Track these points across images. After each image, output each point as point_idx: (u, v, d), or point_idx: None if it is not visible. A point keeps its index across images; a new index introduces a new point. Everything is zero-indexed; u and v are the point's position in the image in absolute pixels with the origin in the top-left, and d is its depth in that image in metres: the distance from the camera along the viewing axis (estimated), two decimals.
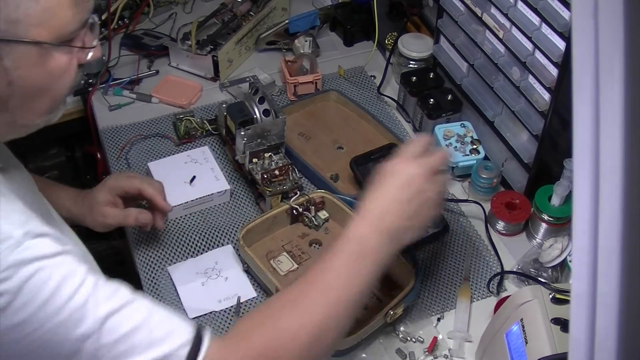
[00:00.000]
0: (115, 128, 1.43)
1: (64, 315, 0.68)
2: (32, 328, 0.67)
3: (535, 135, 1.18)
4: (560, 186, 1.13)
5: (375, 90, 1.52)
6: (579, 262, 0.46)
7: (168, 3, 1.72)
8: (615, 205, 0.43)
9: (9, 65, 0.71)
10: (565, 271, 1.11)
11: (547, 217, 1.16)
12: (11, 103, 0.74)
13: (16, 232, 0.68)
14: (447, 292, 1.15)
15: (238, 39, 1.54)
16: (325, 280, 0.85)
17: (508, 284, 1.16)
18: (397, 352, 1.05)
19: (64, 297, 0.69)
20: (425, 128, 1.39)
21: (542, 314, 0.88)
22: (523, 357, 0.87)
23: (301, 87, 1.48)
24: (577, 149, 0.45)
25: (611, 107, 0.42)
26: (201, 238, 1.22)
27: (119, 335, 0.71)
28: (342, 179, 1.32)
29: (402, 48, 1.46)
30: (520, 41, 1.15)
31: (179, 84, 1.52)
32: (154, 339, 0.72)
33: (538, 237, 1.20)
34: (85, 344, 0.69)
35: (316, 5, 1.71)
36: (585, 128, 0.43)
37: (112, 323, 0.71)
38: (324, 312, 0.83)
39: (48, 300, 0.68)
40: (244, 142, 1.23)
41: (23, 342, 0.68)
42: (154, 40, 1.60)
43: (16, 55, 0.71)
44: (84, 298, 0.70)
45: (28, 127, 0.80)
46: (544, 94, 1.13)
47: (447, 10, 1.33)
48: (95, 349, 0.69)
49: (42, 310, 0.68)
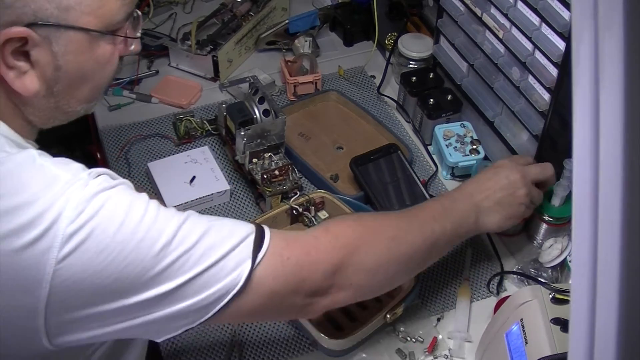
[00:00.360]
0: (115, 128, 1.43)
1: (141, 233, 0.71)
2: (117, 251, 0.69)
3: (535, 135, 1.18)
4: (560, 186, 1.12)
5: (375, 90, 1.52)
6: (579, 262, 0.46)
7: (168, 3, 1.72)
8: (615, 205, 0.43)
9: (58, 50, 0.75)
10: (565, 271, 1.11)
11: (547, 217, 1.16)
12: (57, 88, 0.78)
13: (82, 175, 0.72)
14: (447, 292, 1.15)
15: (238, 39, 1.55)
16: (413, 214, 0.96)
17: (508, 284, 1.16)
18: (397, 352, 1.05)
19: (137, 216, 0.72)
20: (425, 128, 1.39)
21: (542, 314, 0.88)
22: (523, 357, 0.87)
23: (301, 87, 1.48)
24: (576, 149, 0.45)
25: (611, 107, 0.42)
26: None
27: (193, 240, 0.73)
28: (342, 179, 1.32)
29: (402, 48, 1.46)
30: (520, 41, 1.15)
31: (179, 84, 1.52)
32: (222, 236, 0.76)
33: (538, 237, 1.20)
34: (166, 257, 0.71)
35: (316, 5, 1.71)
36: (585, 128, 0.43)
37: (184, 232, 0.73)
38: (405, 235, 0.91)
39: (123, 221, 0.70)
40: (244, 142, 1.23)
41: (111, 267, 0.69)
42: (153, 40, 1.59)
43: (65, 41, 0.75)
44: (154, 215, 0.73)
45: (68, 114, 0.84)
46: (543, 94, 1.13)
47: (447, 10, 1.33)
48: (176, 259, 0.72)
49: (120, 232, 0.70)
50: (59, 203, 0.68)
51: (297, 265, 0.80)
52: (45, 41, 0.74)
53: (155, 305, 0.73)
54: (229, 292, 0.75)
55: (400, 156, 1.30)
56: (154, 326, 0.75)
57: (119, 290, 0.71)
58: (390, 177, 1.27)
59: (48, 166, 0.72)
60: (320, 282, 0.82)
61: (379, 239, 0.88)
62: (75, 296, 0.70)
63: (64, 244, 0.67)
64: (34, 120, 0.82)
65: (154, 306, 0.73)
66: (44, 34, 0.73)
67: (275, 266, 0.78)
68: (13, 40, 0.72)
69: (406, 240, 0.91)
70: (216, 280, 0.74)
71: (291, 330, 1.10)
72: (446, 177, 1.33)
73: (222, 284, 0.74)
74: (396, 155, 1.30)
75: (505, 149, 1.27)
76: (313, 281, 0.82)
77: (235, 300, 0.75)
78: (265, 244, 0.78)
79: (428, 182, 1.31)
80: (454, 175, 1.33)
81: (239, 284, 0.75)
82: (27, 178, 0.70)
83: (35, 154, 0.74)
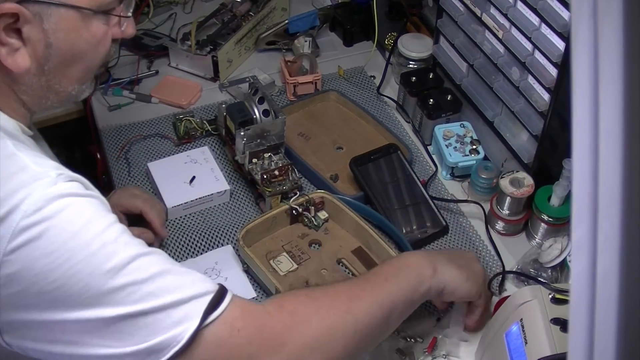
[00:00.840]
0: (115, 128, 1.43)
1: (95, 247, 0.70)
2: (65, 258, 0.68)
3: (535, 135, 1.18)
4: (560, 186, 1.13)
5: (375, 90, 1.52)
6: (578, 261, 0.46)
7: (168, 3, 1.72)
8: (614, 205, 0.43)
9: (49, 27, 0.76)
10: (565, 271, 1.11)
11: (547, 217, 1.16)
12: (48, 66, 0.79)
13: (52, 173, 0.71)
14: None
15: (238, 39, 1.55)
16: (367, 280, 0.91)
17: (508, 284, 1.16)
18: (397, 352, 1.05)
19: (95, 230, 0.71)
20: (425, 128, 1.39)
21: (542, 314, 0.88)
22: (523, 357, 0.87)
23: (301, 87, 1.48)
24: (576, 149, 0.45)
25: (611, 107, 0.42)
26: (201, 238, 1.22)
27: (147, 275, 0.72)
28: (341, 179, 1.32)
29: (402, 48, 1.46)
30: (519, 41, 1.15)
31: (179, 84, 1.52)
32: (180, 283, 0.74)
33: (538, 237, 1.20)
34: (114, 279, 0.70)
35: (316, 5, 1.71)
36: (585, 128, 0.43)
37: (141, 263, 0.72)
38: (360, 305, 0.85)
39: (80, 231, 0.70)
40: (244, 143, 1.23)
41: (56, 273, 0.68)
42: (153, 41, 1.60)
43: (57, 18, 0.76)
44: (114, 235, 0.72)
45: (60, 95, 0.84)
46: (543, 94, 1.13)
47: (447, 11, 1.33)
48: (123, 285, 0.70)
49: (74, 240, 0.69)
50: (20, 194, 0.68)
51: (246, 340, 0.76)
52: (36, 18, 0.74)
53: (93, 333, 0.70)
54: (170, 346, 0.71)
55: (400, 156, 1.30)
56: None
57: (60, 299, 0.69)
58: (390, 177, 1.27)
59: (20, 157, 0.72)
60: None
61: (333, 314, 0.83)
62: (19, 294, 0.68)
63: (14, 237, 0.67)
64: (27, 100, 0.82)
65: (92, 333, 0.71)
66: (35, 11, 0.74)
67: (223, 334, 0.74)
68: (5, 17, 0.73)
69: (361, 310, 0.85)
70: (159, 329, 0.71)
71: None
72: (446, 177, 1.33)
73: (165, 335, 0.71)
74: (396, 155, 1.30)
75: (505, 149, 1.27)
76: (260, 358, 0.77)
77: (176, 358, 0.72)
78: (221, 308, 0.74)
79: (428, 182, 1.32)
80: (453, 175, 1.33)
81: (181, 341, 0.71)
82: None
83: (10, 143, 0.73)
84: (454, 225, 1.25)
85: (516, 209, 1.20)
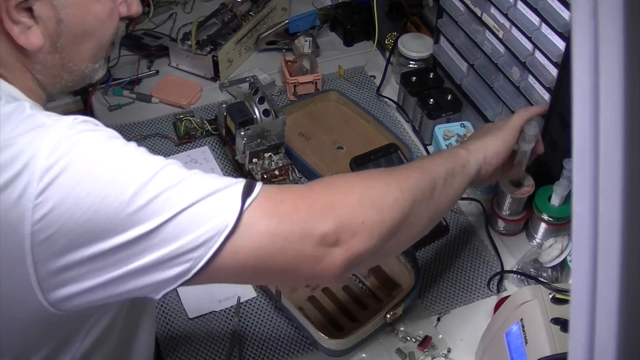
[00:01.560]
0: (115, 128, 1.40)
1: (119, 166, 0.70)
2: (94, 182, 0.69)
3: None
4: (560, 186, 1.13)
5: (375, 90, 1.52)
6: (579, 262, 0.46)
7: (168, 3, 1.72)
8: (615, 205, 0.43)
9: (58, 3, 0.77)
10: (565, 271, 1.11)
11: (547, 217, 1.16)
12: (60, 43, 0.80)
13: (67, 119, 0.73)
14: (447, 292, 1.15)
15: (238, 39, 1.55)
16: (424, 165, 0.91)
17: (508, 284, 1.16)
18: (397, 352, 1.05)
19: (116, 152, 0.72)
20: (425, 128, 1.39)
21: (542, 314, 0.88)
22: (523, 357, 0.87)
23: (301, 87, 1.48)
24: (576, 149, 0.45)
25: (611, 107, 0.42)
26: None
27: (176, 180, 0.71)
28: None
29: (402, 48, 1.46)
30: (520, 41, 1.15)
31: (179, 84, 1.52)
32: (209, 181, 0.73)
33: (538, 237, 1.20)
34: (145, 192, 0.69)
35: (316, 5, 1.71)
36: (585, 128, 0.43)
37: (167, 171, 0.72)
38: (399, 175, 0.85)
39: (101, 155, 0.71)
40: (244, 142, 1.23)
41: (88, 200, 0.68)
42: (154, 40, 1.60)
43: None
44: (136, 153, 0.73)
45: (74, 74, 0.85)
46: (544, 94, 1.13)
47: (447, 10, 1.33)
48: (156, 195, 0.70)
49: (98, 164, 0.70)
50: (37, 141, 0.69)
51: (293, 207, 0.74)
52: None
53: (141, 247, 0.70)
54: (219, 232, 0.70)
55: (400, 156, 1.30)
56: (146, 277, 0.71)
57: (101, 226, 0.69)
58: None
59: (36, 115, 0.73)
60: (324, 226, 0.74)
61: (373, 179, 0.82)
62: (57, 232, 0.68)
63: (40, 178, 0.68)
64: (42, 80, 0.84)
65: (141, 248, 0.70)
66: None
67: (268, 207, 0.73)
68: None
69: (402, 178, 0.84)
70: (202, 220, 0.70)
71: (291, 330, 1.10)
72: None
73: (210, 224, 0.70)
74: (396, 155, 1.30)
75: None
76: (315, 224, 0.74)
77: (228, 243, 0.70)
78: (256, 191, 0.73)
79: None
80: None
81: (229, 224, 0.70)
82: (13, 124, 0.71)
83: (27, 104, 0.75)
84: (454, 225, 1.25)
85: (516, 209, 1.20)
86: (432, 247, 1.22)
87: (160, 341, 1.08)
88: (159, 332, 1.09)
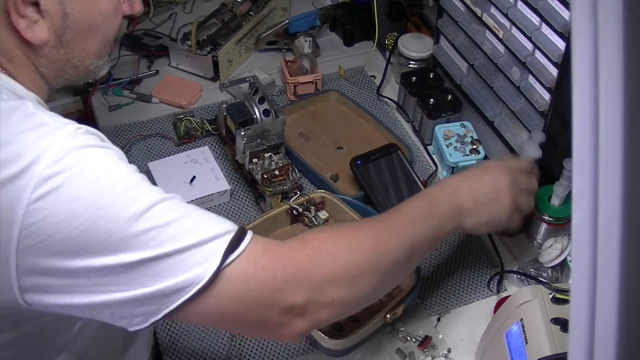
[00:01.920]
0: (115, 128, 1.43)
1: (117, 192, 0.71)
2: (88, 203, 0.69)
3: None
4: (560, 186, 1.12)
5: (375, 90, 1.52)
6: (579, 262, 0.46)
7: (168, 3, 1.72)
8: (615, 205, 0.43)
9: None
10: (565, 271, 1.11)
11: (547, 217, 1.16)
12: (65, 37, 0.81)
13: (71, 126, 0.72)
14: (447, 292, 1.15)
15: (238, 39, 1.55)
16: (390, 218, 0.91)
17: (508, 284, 1.16)
18: (397, 352, 1.05)
19: (116, 177, 0.72)
20: (425, 128, 1.39)
21: (542, 314, 0.88)
22: (523, 357, 0.87)
23: (301, 87, 1.48)
24: (576, 149, 0.45)
25: (611, 107, 0.42)
26: None
27: (169, 218, 0.72)
28: (342, 179, 1.32)
29: (402, 48, 1.46)
30: (520, 41, 1.15)
31: (179, 84, 1.52)
32: (201, 225, 0.74)
33: (538, 237, 1.20)
34: (137, 224, 0.70)
35: (316, 5, 1.71)
36: (585, 128, 0.43)
37: (162, 207, 0.72)
38: (386, 243, 0.86)
39: (101, 177, 0.71)
40: (244, 142, 1.23)
41: (80, 218, 0.69)
42: (154, 41, 1.60)
43: None
44: (135, 182, 0.73)
45: (78, 69, 0.86)
46: (544, 94, 1.13)
47: (447, 10, 1.33)
48: (146, 230, 0.71)
49: (97, 186, 0.70)
50: (41, 146, 0.69)
51: (270, 276, 0.76)
52: None
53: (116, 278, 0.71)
54: (192, 284, 0.72)
55: (400, 156, 1.30)
56: (118, 309, 0.73)
57: (85, 245, 0.70)
58: (390, 177, 1.27)
59: (39, 114, 0.73)
60: (295, 298, 0.77)
61: (358, 250, 0.84)
62: (44, 241, 0.69)
63: (38, 186, 0.68)
64: (46, 73, 0.84)
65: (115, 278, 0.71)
66: None
67: (247, 271, 0.75)
68: None
69: (387, 249, 0.86)
70: (182, 269, 0.72)
71: None
72: (446, 176, 1.33)
73: (187, 275, 0.72)
74: (396, 155, 1.30)
75: (505, 149, 1.27)
76: (287, 296, 0.77)
77: (200, 296, 0.73)
78: (242, 247, 0.75)
79: (428, 182, 1.32)
80: None
81: (204, 279, 0.72)
82: (16, 121, 0.71)
83: (30, 104, 0.75)
84: None
85: None
86: None
87: (159, 340, 1.08)
88: (158, 331, 1.09)
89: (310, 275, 0.78)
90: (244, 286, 0.75)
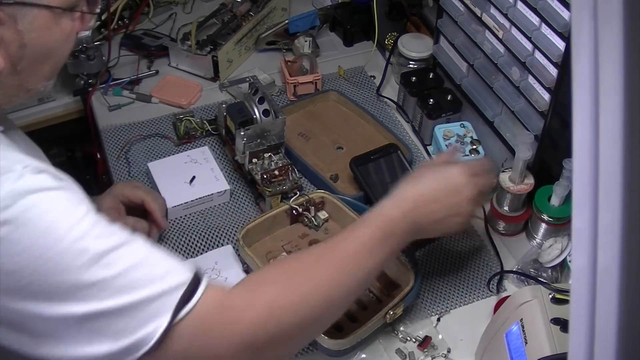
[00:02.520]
0: (115, 128, 1.43)
1: (64, 245, 0.69)
2: (34, 257, 0.68)
3: (535, 135, 1.17)
4: (560, 186, 1.12)
5: (375, 91, 1.52)
6: (578, 262, 0.46)
7: (168, 3, 1.72)
8: (615, 205, 0.43)
9: (23, 28, 0.76)
10: (565, 271, 1.11)
11: (547, 217, 1.16)
12: (20, 66, 0.79)
13: (16, 166, 0.70)
14: (447, 292, 1.15)
15: (238, 39, 1.55)
16: (345, 250, 0.87)
17: (508, 284, 1.16)
18: (397, 352, 1.05)
19: (64, 227, 0.70)
20: (425, 128, 1.39)
21: (542, 314, 0.88)
22: (523, 357, 0.87)
23: (301, 87, 1.48)
24: (576, 149, 0.45)
25: (611, 107, 0.42)
26: (201, 238, 1.22)
27: (118, 270, 0.71)
28: (342, 179, 1.32)
29: (402, 48, 1.46)
30: (520, 41, 1.15)
31: (179, 84, 1.52)
32: (152, 276, 0.73)
33: (538, 237, 1.20)
34: (84, 276, 0.70)
35: (316, 5, 1.71)
36: (585, 128, 0.43)
37: (112, 258, 0.71)
38: (338, 279, 0.84)
39: (48, 228, 0.69)
40: (244, 142, 1.23)
41: (26, 271, 0.68)
42: (153, 41, 1.60)
43: (31, 18, 0.76)
44: (84, 230, 0.71)
45: (30, 92, 0.84)
46: (543, 94, 1.13)
47: (447, 11, 1.33)
48: (94, 282, 0.70)
49: (43, 238, 0.69)
50: None
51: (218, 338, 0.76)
52: (11, 19, 0.75)
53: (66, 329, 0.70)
54: (141, 345, 0.72)
55: (400, 156, 1.30)
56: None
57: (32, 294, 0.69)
58: (390, 177, 1.27)
59: None
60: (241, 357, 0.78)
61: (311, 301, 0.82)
62: None
63: None
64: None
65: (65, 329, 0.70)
66: (10, 12, 0.74)
67: (196, 331, 0.74)
68: None
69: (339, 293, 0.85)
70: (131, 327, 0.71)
71: None
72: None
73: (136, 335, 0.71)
74: (396, 155, 1.30)
75: (505, 148, 1.27)
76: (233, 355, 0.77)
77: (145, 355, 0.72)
78: (193, 301, 0.74)
79: None
80: None
81: (151, 341, 0.72)
82: None
83: None
84: None
85: (516, 206, 1.20)
86: (432, 247, 1.21)
87: None
88: None
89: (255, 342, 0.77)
90: (192, 345, 0.75)
